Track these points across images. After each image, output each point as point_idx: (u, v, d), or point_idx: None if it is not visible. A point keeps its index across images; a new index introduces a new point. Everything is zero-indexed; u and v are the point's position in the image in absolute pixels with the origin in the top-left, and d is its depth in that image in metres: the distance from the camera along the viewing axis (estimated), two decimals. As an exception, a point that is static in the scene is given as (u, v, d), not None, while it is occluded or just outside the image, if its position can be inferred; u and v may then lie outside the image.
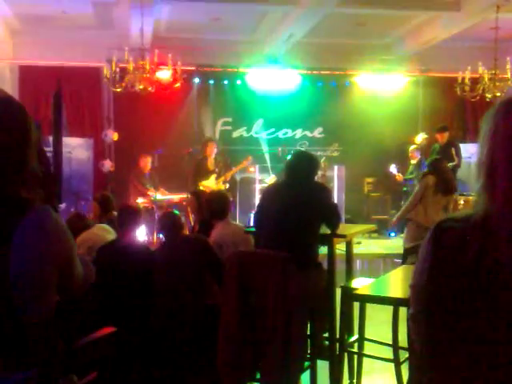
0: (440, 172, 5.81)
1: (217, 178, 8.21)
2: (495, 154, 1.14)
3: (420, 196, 5.79)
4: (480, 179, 1.18)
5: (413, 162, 9.42)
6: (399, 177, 9.40)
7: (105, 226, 4.63)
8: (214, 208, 4.28)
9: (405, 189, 9.44)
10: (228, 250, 3.97)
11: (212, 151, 8.36)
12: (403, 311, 3.18)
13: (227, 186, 8.33)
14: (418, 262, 1.25)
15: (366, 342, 3.87)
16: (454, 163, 8.34)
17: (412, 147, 9.52)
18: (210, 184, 8.16)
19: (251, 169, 9.38)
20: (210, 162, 8.33)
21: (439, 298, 1.17)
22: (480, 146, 1.20)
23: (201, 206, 4.76)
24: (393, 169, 9.33)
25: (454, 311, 1.15)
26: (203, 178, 8.20)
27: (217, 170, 8.30)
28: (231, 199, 4.43)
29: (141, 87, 7.82)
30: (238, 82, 10.18)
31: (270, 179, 8.91)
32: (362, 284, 3.71)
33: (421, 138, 9.95)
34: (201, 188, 8.07)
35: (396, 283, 3.67)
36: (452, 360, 1.17)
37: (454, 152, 8.38)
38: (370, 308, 3.80)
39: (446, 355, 1.18)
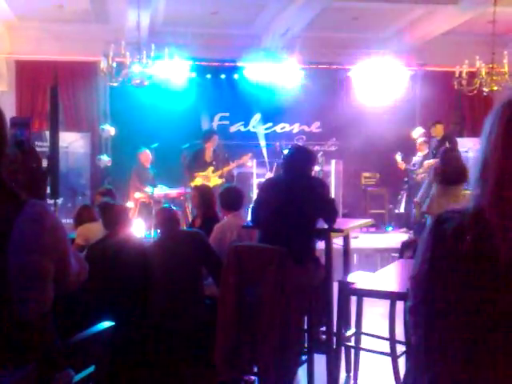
0: (445, 161, 5.75)
1: (214, 171, 8.18)
2: (486, 152, 1.17)
3: (429, 186, 5.77)
4: (475, 174, 1.20)
5: (420, 154, 9.37)
6: (401, 165, 9.38)
7: None
8: (229, 199, 4.30)
9: (406, 179, 9.44)
10: (232, 237, 3.99)
11: (213, 144, 8.34)
12: (400, 305, 3.19)
13: (223, 180, 8.30)
14: (419, 254, 1.26)
15: (363, 336, 3.88)
16: None
17: (420, 139, 9.44)
18: (207, 176, 8.13)
19: (248, 163, 9.37)
20: (208, 155, 8.30)
21: (439, 289, 1.18)
22: (480, 144, 1.23)
23: (203, 201, 4.77)
24: (398, 157, 9.30)
25: (453, 302, 1.16)
26: (200, 169, 8.17)
27: (214, 163, 8.27)
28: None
29: (137, 81, 7.80)
30: (236, 76, 10.15)
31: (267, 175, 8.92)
32: (359, 278, 3.71)
33: (418, 132, 9.95)
34: (197, 179, 8.05)
35: (393, 277, 3.68)
36: (450, 352, 1.17)
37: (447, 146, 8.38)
38: (367, 302, 3.81)
39: (445, 347, 1.18)
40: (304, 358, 3.55)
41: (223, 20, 9.17)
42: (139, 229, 7.72)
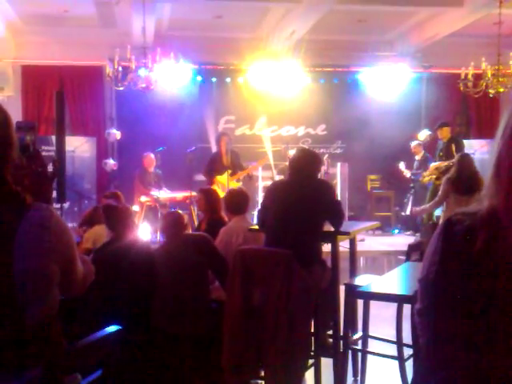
0: (459, 169, 5.69)
1: (231, 175, 8.15)
2: (502, 149, 1.16)
3: (444, 195, 5.71)
4: (490, 173, 1.19)
5: (417, 157, 9.39)
6: (407, 174, 9.38)
7: None
8: (234, 203, 4.29)
9: (412, 185, 9.43)
10: (237, 241, 3.98)
11: (225, 145, 8.31)
12: (407, 308, 3.18)
13: (240, 183, 8.27)
14: (427, 256, 1.25)
15: (369, 340, 3.86)
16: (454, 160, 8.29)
17: (414, 143, 9.50)
18: (224, 180, 8.10)
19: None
20: (225, 158, 8.28)
21: (448, 293, 1.17)
22: (494, 143, 1.21)
23: (209, 204, 4.76)
24: (401, 166, 9.32)
25: (462, 306, 1.15)
26: (218, 172, 8.16)
27: (231, 166, 8.24)
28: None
29: (143, 85, 7.83)
30: (241, 79, 10.17)
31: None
32: (365, 281, 3.70)
33: (424, 134, 9.93)
34: (216, 182, 8.03)
35: (400, 280, 3.66)
36: (459, 356, 1.16)
37: (454, 148, 8.36)
38: (374, 305, 3.80)
39: (453, 351, 1.17)
40: (311, 361, 3.53)
41: (228, 24, 9.19)
42: (145, 232, 7.73)
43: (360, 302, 3.79)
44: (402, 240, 8.72)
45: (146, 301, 3.61)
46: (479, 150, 9.36)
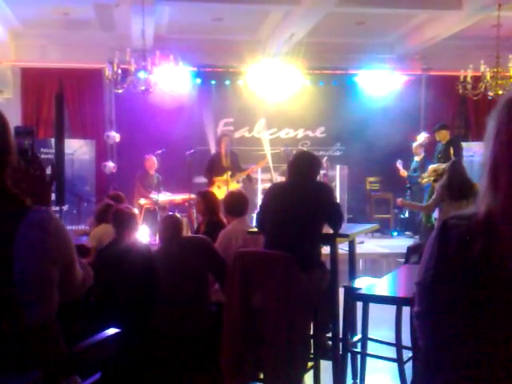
0: (451, 176, 5.72)
1: (231, 176, 8.14)
2: (498, 154, 1.15)
3: (438, 200, 5.72)
4: (484, 178, 1.18)
5: (416, 158, 9.39)
6: (403, 173, 9.39)
7: None
8: (233, 205, 4.30)
9: (407, 185, 9.44)
10: (237, 244, 3.98)
11: (225, 147, 8.28)
12: (406, 311, 3.18)
13: (241, 185, 8.25)
14: (424, 260, 1.25)
15: (369, 342, 3.86)
16: None
17: (416, 143, 9.50)
18: (224, 181, 8.08)
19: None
20: (225, 159, 8.27)
21: (445, 296, 1.17)
22: (485, 146, 1.20)
23: (207, 206, 4.76)
24: (399, 164, 9.33)
25: (459, 309, 1.15)
26: (218, 174, 8.15)
27: (231, 167, 8.22)
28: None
29: (142, 88, 7.83)
30: (240, 82, 10.18)
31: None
32: (364, 283, 3.70)
33: (423, 137, 9.94)
34: (216, 184, 8.03)
35: (399, 283, 3.66)
36: (457, 358, 1.16)
37: (452, 151, 8.37)
38: (373, 307, 3.80)
39: (452, 353, 1.17)
40: (310, 364, 3.53)
41: (227, 26, 9.19)
42: (144, 235, 7.73)
43: (359, 305, 3.79)
44: (401, 242, 8.73)
45: (146, 303, 3.61)
46: (478, 153, 9.37)
